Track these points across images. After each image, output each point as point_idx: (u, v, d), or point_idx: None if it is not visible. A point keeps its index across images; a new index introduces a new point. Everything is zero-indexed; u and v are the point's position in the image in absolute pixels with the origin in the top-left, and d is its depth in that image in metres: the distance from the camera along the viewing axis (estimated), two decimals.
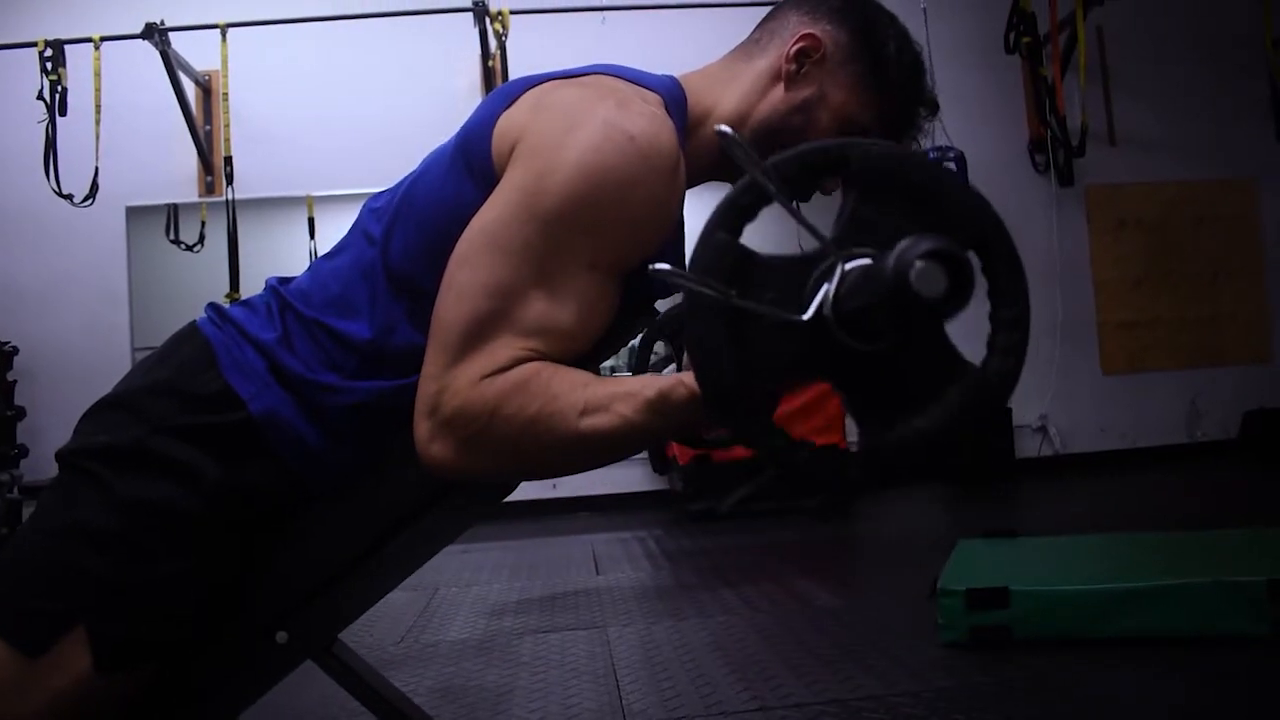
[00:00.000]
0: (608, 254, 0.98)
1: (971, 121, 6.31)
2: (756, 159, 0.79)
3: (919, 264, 0.69)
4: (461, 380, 0.94)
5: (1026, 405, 6.69)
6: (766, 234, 0.87)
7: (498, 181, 1.00)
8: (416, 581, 3.94)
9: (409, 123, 5.43)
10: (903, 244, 0.71)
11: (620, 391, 0.93)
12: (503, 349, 0.95)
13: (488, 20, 5.64)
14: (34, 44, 5.26)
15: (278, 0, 5.82)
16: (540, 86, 1.05)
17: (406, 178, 1.13)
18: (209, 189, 6.22)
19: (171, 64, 5.55)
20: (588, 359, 1.07)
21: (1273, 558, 2.64)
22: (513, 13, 5.73)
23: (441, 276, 0.99)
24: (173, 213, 6.42)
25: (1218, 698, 2.08)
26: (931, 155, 5.61)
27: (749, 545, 4.64)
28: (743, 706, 2.23)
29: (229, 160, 5.72)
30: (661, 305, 1.35)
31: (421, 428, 0.95)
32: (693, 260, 0.80)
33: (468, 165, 1.03)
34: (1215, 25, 6.91)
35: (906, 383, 0.82)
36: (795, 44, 1.14)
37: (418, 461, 0.97)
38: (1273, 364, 6.95)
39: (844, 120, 1.13)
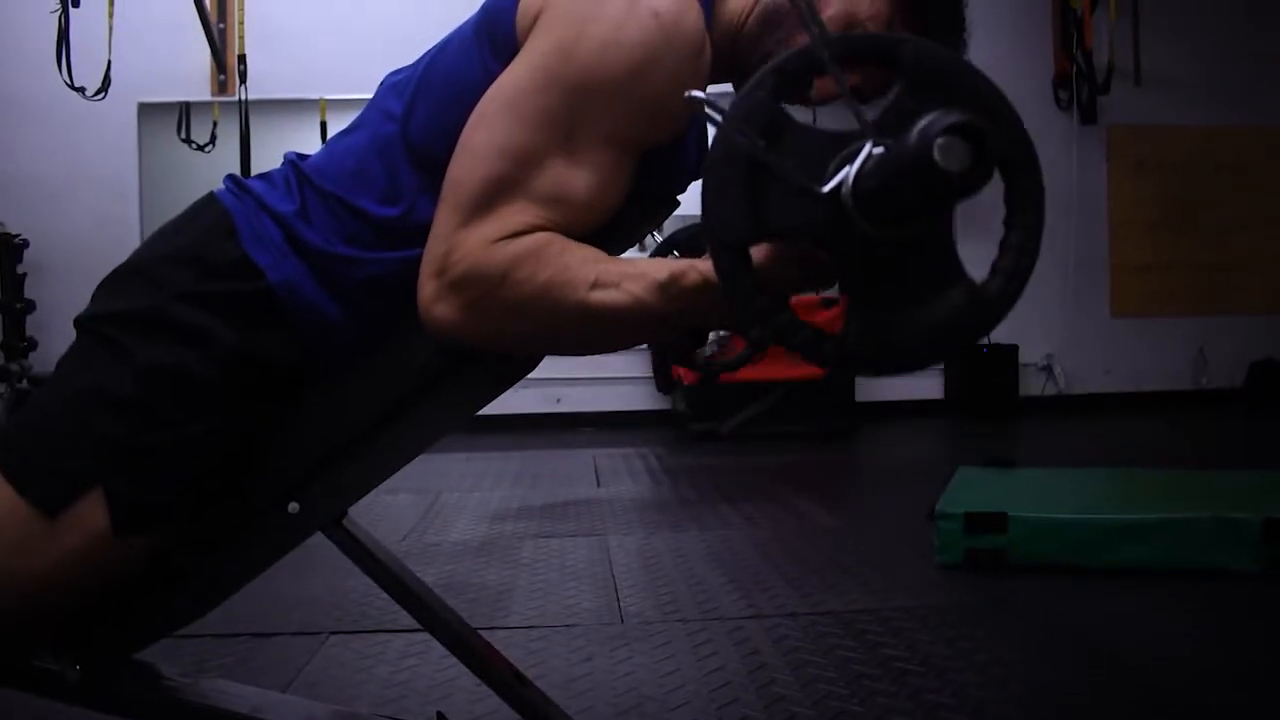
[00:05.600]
0: (626, 129, 0.97)
1: (997, 51, 6.13)
2: (817, 25, 0.79)
3: (942, 138, 0.69)
4: (472, 241, 0.93)
5: (1033, 344, 6.68)
6: None
7: None
8: (419, 485, 4.00)
9: (426, 26, 5.30)
10: (928, 118, 0.71)
11: (632, 271, 0.93)
12: (517, 214, 0.94)
13: None
14: None
15: None
16: None
17: (426, 54, 1.11)
18: (221, 88, 6.15)
19: None
20: (604, 243, 1.07)
21: (1270, 498, 2.66)
22: None
23: None
24: (184, 111, 6.35)
25: (1208, 630, 2.12)
26: None
27: (749, 466, 4.68)
28: (738, 614, 2.26)
29: (243, 59, 5.66)
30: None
31: (427, 288, 0.95)
32: (729, 111, 0.80)
33: (491, 39, 1.02)
34: None
35: (906, 278, 0.82)
36: None
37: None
38: None
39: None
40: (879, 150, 0.77)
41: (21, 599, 1.00)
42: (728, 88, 1.22)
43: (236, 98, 5.84)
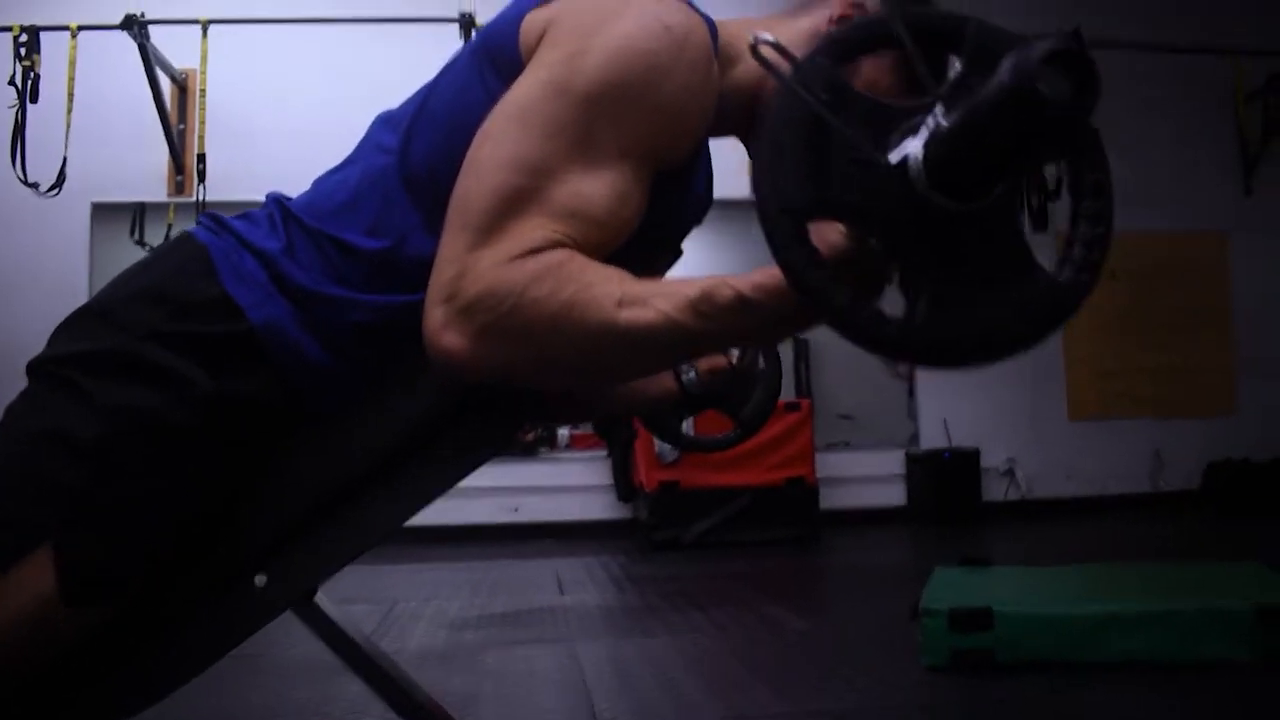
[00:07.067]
0: (639, 141, 0.91)
1: None
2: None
3: (1042, 67, 0.63)
4: (486, 261, 0.85)
5: (994, 448, 6.68)
6: None
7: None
8: (372, 594, 3.83)
9: None
10: (1017, 51, 0.65)
11: (661, 289, 0.86)
12: (533, 229, 0.86)
13: (474, 32, 5.60)
14: (9, 29, 5.12)
15: None
16: None
17: (421, 90, 1.06)
18: (179, 188, 6.10)
19: (149, 58, 5.44)
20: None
21: (1256, 586, 2.61)
22: None
23: None
24: (139, 213, 6.26)
25: None
26: None
27: (716, 573, 4.55)
28: (720, 716, 2.14)
29: (202, 158, 5.61)
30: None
31: (434, 315, 0.86)
32: (792, 69, 0.75)
33: (492, 62, 0.97)
34: (1187, 81, 7.02)
35: (974, 264, 0.76)
36: (843, 10, 1.09)
37: (423, 374, 0.89)
38: (1237, 416, 6.99)
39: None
40: (945, 123, 0.72)
41: None
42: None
43: (194, 198, 5.77)
